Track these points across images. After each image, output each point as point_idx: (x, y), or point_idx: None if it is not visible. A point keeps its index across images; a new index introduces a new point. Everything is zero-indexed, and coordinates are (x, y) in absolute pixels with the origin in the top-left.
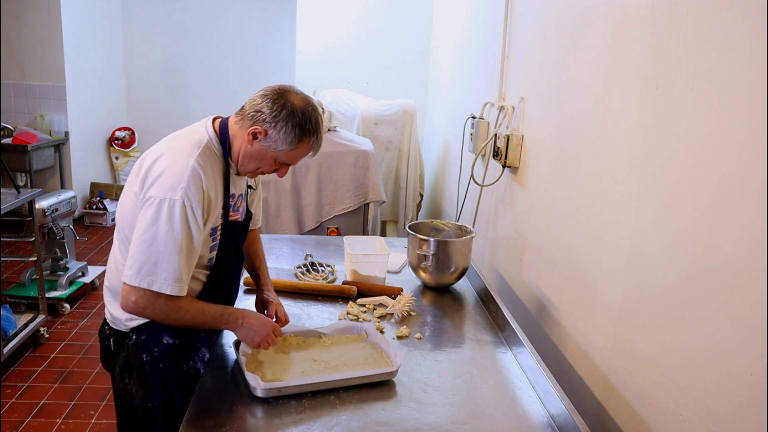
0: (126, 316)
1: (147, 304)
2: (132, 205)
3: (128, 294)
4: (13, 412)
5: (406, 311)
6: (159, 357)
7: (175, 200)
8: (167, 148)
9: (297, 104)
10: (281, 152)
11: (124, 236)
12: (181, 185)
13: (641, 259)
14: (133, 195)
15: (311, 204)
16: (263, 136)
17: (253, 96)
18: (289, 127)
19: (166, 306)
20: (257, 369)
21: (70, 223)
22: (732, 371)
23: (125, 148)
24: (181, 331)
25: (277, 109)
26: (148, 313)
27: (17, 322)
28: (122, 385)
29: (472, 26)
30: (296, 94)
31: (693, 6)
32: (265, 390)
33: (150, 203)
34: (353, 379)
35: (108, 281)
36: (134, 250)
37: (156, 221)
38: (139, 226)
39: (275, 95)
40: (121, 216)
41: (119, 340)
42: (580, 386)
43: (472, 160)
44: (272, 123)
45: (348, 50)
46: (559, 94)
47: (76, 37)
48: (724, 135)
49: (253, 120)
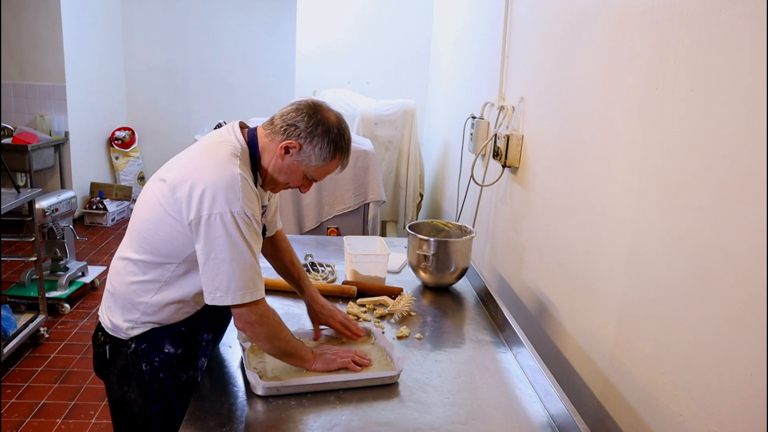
0: (127, 325)
1: (256, 317)
2: (160, 220)
3: (241, 315)
4: (13, 412)
5: (406, 311)
6: (159, 366)
7: (236, 212)
8: (203, 161)
9: (332, 121)
10: (313, 168)
11: (143, 245)
12: (238, 195)
13: (641, 259)
14: (164, 212)
15: (311, 204)
16: (297, 151)
17: (283, 109)
18: (324, 143)
19: (265, 315)
20: (259, 366)
21: (70, 223)
22: (732, 371)
23: (125, 148)
24: (184, 341)
25: (313, 124)
26: (262, 329)
27: (17, 322)
28: (119, 394)
29: (472, 26)
30: (329, 110)
31: (693, 6)
32: (264, 388)
33: (210, 220)
34: (354, 381)
35: (111, 286)
36: (214, 271)
37: (224, 236)
38: (208, 246)
39: (310, 110)
40: (143, 227)
41: (116, 348)
42: (580, 386)
43: (472, 160)
44: (307, 138)
45: (348, 50)
46: (559, 94)
47: (76, 37)
48: (724, 135)
49: (287, 134)
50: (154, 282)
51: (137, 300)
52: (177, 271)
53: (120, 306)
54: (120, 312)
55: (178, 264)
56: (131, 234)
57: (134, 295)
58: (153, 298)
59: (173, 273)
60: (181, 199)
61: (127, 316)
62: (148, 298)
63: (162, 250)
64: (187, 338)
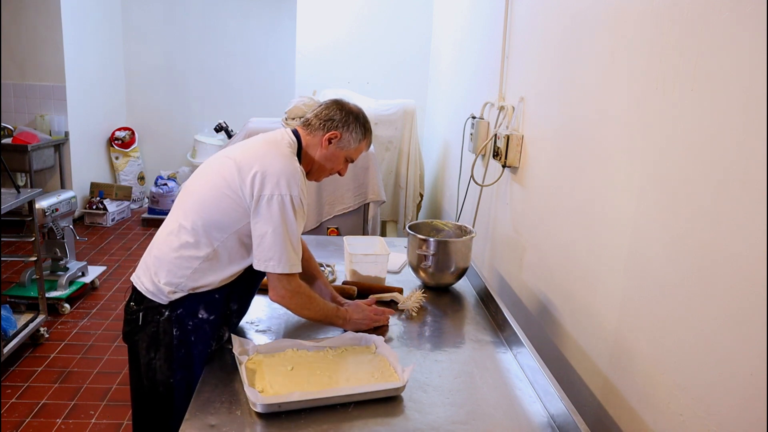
0: (169, 289)
1: (293, 288)
2: (221, 193)
3: (281, 284)
4: (13, 412)
5: (416, 307)
6: (192, 330)
7: (294, 196)
8: (270, 151)
9: (356, 109)
10: (352, 150)
11: (200, 214)
12: (297, 183)
13: (641, 259)
14: (226, 187)
15: (311, 204)
16: (337, 140)
17: (315, 110)
18: (357, 127)
19: (301, 286)
20: (259, 381)
21: (70, 223)
22: (732, 371)
23: (125, 148)
24: (216, 308)
25: (345, 115)
26: (297, 299)
27: (17, 322)
28: (146, 360)
29: (472, 26)
30: (350, 102)
31: (693, 6)
32: (264, 405)
33: (272, 199)
34: (357, 395)
35: (159, 251)
36: (271, 243)
37: (283, 215)
38: (268, 222)
39: (339, 105)
40: (201, 198)
41: (149, 315)
42: (580, 386)
43: (472, 160)
44: (344, 127)
45: (348, 50)
46: (559, 94)
47: (76, 37)
48: (724, 135)
49: (326, 128)
50: (203, 250)
51: (186, 265)
52: (226, 243)
53: (166, 270)
54: (165, 275)
55: (228, 236)
56: (186, 204)
57: (183, 261)
58: (200, 265)
59: (221, 244)
60: (247, 179)
61: (172, 279)
62: (196, 264)
63: (216, 220)
64: (220, 306)
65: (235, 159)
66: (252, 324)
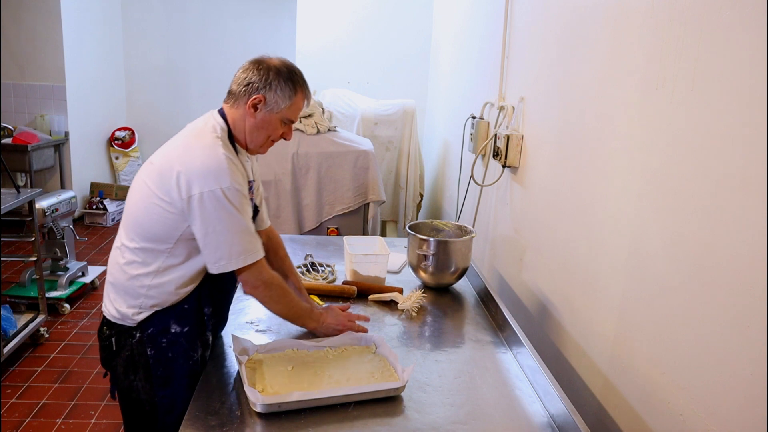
0: (133, 311)
1: (262, 280)
2: (150, 203)
3: (247, 279)
4: (13, 412)
5: (416, 307)
6: (167, 347)
7: (225, 188)
8: (190, 145)
9: (277, 63)
10: (283, 110)
11: (137, 230)
12: (226, 173)
13: (641, 259)
14: (153, 195)
15: (311, 204)
16: (263, 104)
17: (234, 77)
18: (281, 83)
19: (275, 278)
20: (259, 381)
21: (70, 223)
22: (732, 371)
23: (125, 148)
24: (188, 318)
25: (264, 73)
26: (267, 292)
27: (17, 322)
28: (126, 383)
29: (472, 26)
30: (271, 57)
31: (693, 6)
32: (264, 405)
33: (202, 198)
34: (356, 395)
35: (112, 276)
36: (215, 243)
37: (218, 210)
38: (205, 222)
39: (256, 64)
40: (134, 213)
41: (121, 339)
42: (580, 386)
43: (472, 160)
44: (266, 87)
45: (348, 50)
46: (559, 94)
47: (76, 37)
48: (724, 135)
49: (248, 94)
50: (151, 265)
51: (138, 285)
52: (173, 251)
53: (122, 294)
54: (123, 300)
55: (173, 245)
56: (125, 222)
57: (134, 280)
58: (153, 281)
59: (169, 254)
60: (171, 181)
61: (131, 302)
62: (148, 281)
63: (154, 233)
64: (192, 315)
65: (155, 163)
66: (252, 324)
